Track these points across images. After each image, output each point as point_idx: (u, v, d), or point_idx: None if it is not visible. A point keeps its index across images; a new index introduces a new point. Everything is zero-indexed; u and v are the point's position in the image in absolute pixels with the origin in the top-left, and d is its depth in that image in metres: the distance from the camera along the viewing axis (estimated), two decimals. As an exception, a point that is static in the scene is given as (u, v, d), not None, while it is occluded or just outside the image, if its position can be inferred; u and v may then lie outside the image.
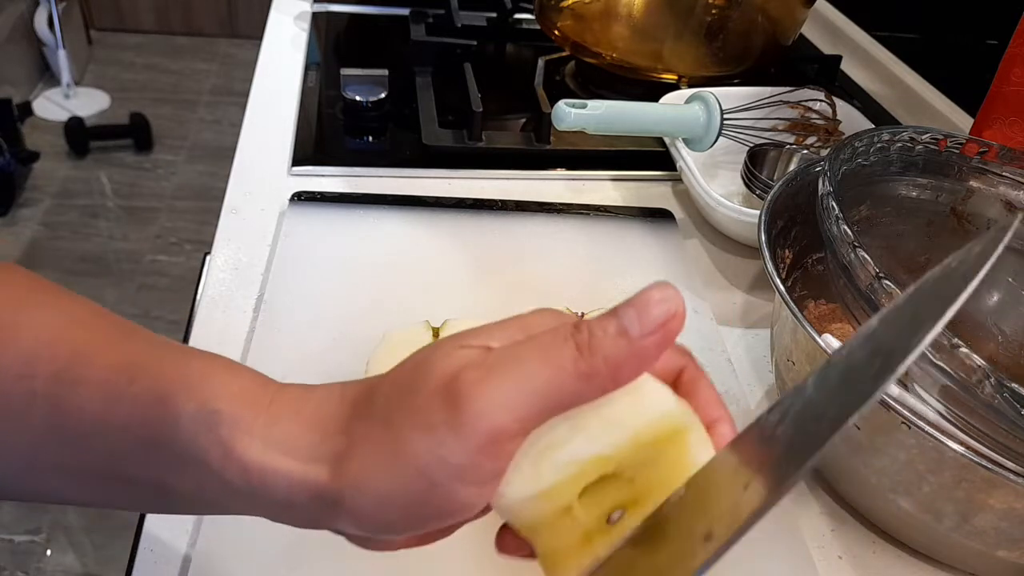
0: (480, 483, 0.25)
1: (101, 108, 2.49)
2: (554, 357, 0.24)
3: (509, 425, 0.24)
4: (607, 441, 0.26)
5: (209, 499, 0.27)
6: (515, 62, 0.95)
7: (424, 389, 0.25)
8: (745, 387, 0.55)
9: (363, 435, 0.25)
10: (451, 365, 0.25)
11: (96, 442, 0.27)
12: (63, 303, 0.30)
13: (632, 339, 0.24)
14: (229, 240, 0.62)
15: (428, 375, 0.25)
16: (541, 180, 0.74)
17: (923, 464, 0.40)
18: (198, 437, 0.26)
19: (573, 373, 0.24)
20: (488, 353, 0.25)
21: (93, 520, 1.41)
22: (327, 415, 0.26)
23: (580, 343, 0.24)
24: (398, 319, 0.52)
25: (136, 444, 0.27)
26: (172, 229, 2.08)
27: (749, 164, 0.68)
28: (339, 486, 0.25)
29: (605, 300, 0.58)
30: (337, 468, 0.25)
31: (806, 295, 0.57)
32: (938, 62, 0.95)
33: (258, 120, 0.76)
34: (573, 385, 0.24)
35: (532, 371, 0.24)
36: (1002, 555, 0.42)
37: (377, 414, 0.25)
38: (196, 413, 0.26)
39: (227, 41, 2.93)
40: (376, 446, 0.25)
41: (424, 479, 0.24)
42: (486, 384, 0.24)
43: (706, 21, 0.82)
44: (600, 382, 0.25)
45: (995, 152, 0.56)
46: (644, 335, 0.24)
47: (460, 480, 0.24)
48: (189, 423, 0.26)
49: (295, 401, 0.27)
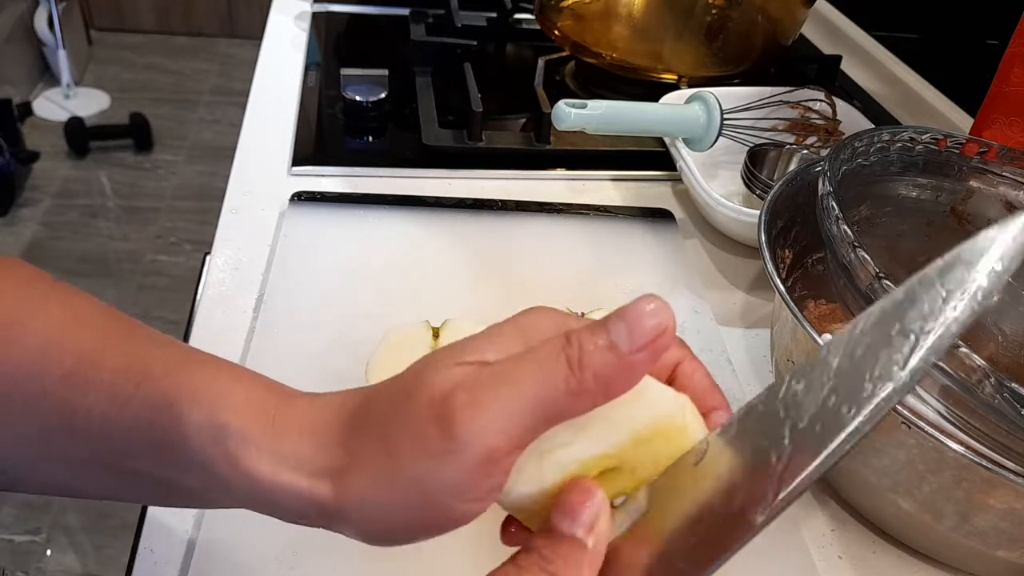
0: (478, 499, 0.25)
1: (101, 108, 2.49)
2: (546, 375, 0.24)
3: (502, 445, 0.24)
4: (609, 441, 0.26)
5: (214, 497, 0.28)
6: (515, 62, 0.95)
7: (418, 410, 0.25)
8: (745, 387, 0.55)
9: (361, 451, 0.26)
10: (444, 384, 0.25)
11: (105, 440, 0.28)
12: (67, 299, 0.30)
13: (621, 354, 0.24)
14: (229, 240, 0.62)
15: (421, 393, 0.25)
16: (541, 180, 0.74)
17: (923, 464, 0.40)
18: (206, 448, 0.26)
19: (564, 391, 0.24)
20: (482, 370, 0.25)
21: (93, 520, 1.41)
22: (327, 427, 0.27)
23: (571, 359, 0.25)
24: (398, 319, 0.52)
25: (144, 445, 0.27)
26: (172, 229, 2.08)
27: (749, 164, 0.68)
28: (341, 502, 0.25)
29: (605, 300, 0.58)
30: (339, 483, 0.25)
31: (806, 295, 0.57)
32: (938, 62, 0.95)
33: (258, 120, 0.76)
34: (565, 401, 0.25)
35: (524, 390, 0.24)
36: (1002, 555, 0.42)
37: (373, 430, 0.26)
38: (203, 424, 0.26)
39: (227, 41, 2.93)
40: (375, 464, 0.25)
41: (423, 498, 0.25)
42: (478, 407, 0.24)
43: (706, 21, 0.82)
44: (591, 397, 0.25)
45: (995, 152, 0.56)
46: (633, 351, 0.24)
47: (458, 498, 0.25)
48: (196, 433, 0.26)
49: (299, 415, 0.27)
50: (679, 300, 0.60)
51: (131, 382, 0.28)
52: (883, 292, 0.40)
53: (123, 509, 1.41)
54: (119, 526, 1.40)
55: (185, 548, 0.42)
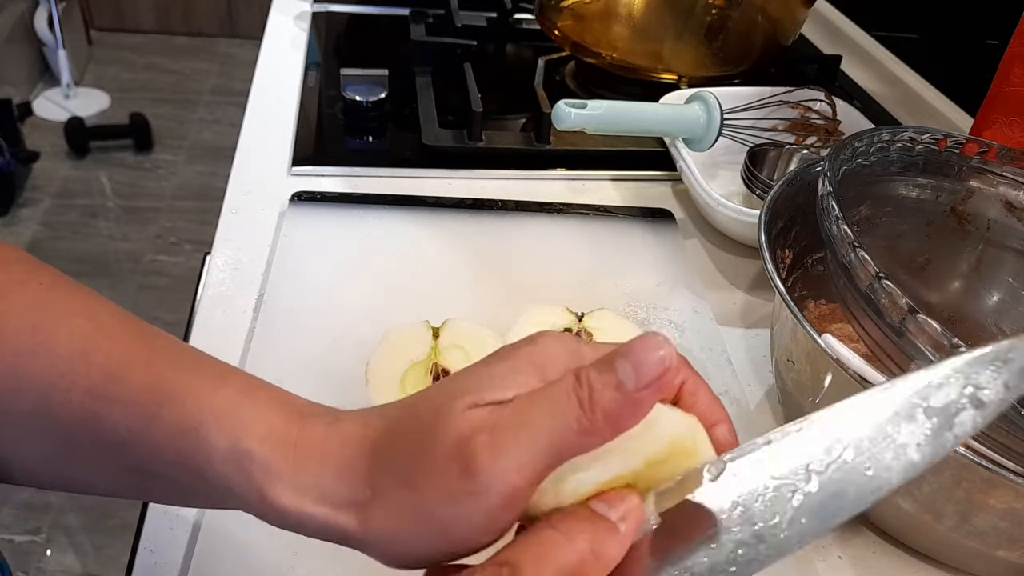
0: (498, 532, 0.27)
1: (101, 108, 2.49)
2: (560, 416, 0.26)
3: (521, 485, 0.26)
4: (624, 467, 0.27)
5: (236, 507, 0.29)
6: (515, 62, 0.95)
7: (439, 452, 0.26)
8: (745, 387, 0.55)
9: (384, 489, 0.27)
10: (464, 428, 0.26)
11: (131, 450, 0.29)
12: (88, 307, 0.31)
13: (628, 392, 0.26)
14: (229, 240, 0.62)
15: (443, 436, 0.26)
16: (541, 180, 0.74)
17: (923, 464, 0.40)
18: (231, 475, 0.28)
19: (577, 430, 0.26)
20: (502, 411, 0.27)
21: (93, 520, 1.41)
22: (350, 461, 0.28)
23: (582, 400, 0.26)
24: (398, 319, 0.52)
25: (170, 460, 0.29)
26: (172, 229, 2.08)
27: (749, 164, 0.68)
28: (365, 535, 0.27)
29: (605, 300, 0.58)
30: (363, 517, 0.27)
31: (806, 295, 0.57)
32: (938, 62, 0.95)
33: (258, 120, 0.76)
34: (578, 440, 0.26)
35: (540, 432, 0.26)
36: (1002, 555, 0.42)
37: (396, 468, 0.27)
38: (228, 452, 0.28)
39: (227, 41, 2.93)
40: (398, 501, 0.26)
41: (445, 534, 0.26)
42: (497, 449, 0.26)
43: (706, 21, 0.82)
44: (601, 435, 0.26)
45: (995, 152, 0.56)
46: (639, 388, 0.26)
47: (479, 533, 0.26)
48: (221, 462, 0.28)
49: (320, 441, 0.28)
50: (679, 300, 0.60)
51: (155, 401, 0.29)
52: (883, 292, 0.40)
53: (123, 509, 1.41)
54: (119, 526, 1.40)
55: (185, 548, 0.42)
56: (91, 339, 0.30)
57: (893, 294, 0.40)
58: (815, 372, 0.45)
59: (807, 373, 0.46)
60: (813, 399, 0.46)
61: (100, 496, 0.32)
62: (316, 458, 0.28)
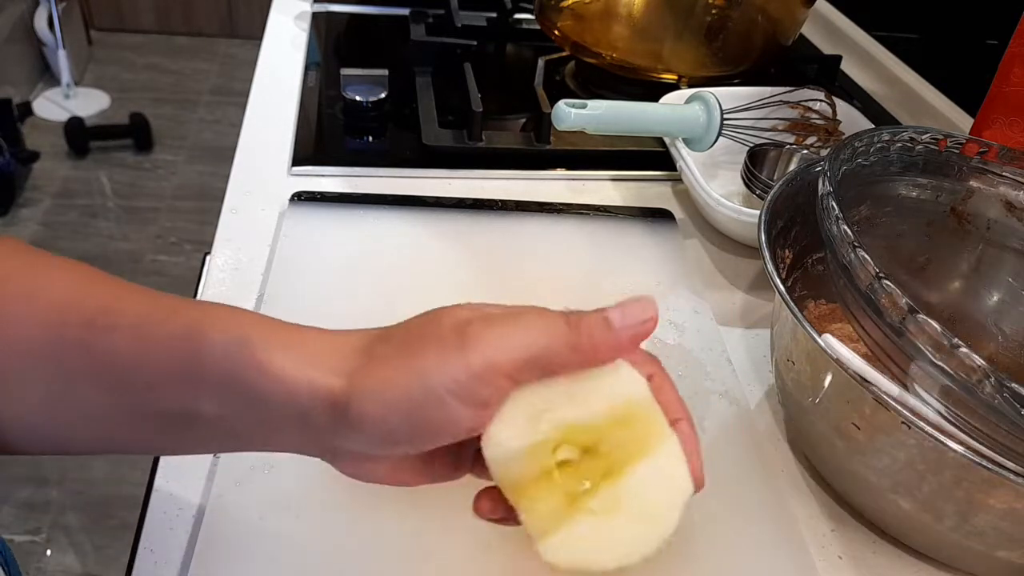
0: (473, 405, 0.29)
1: (101, 108, 2.49)
2: (548, 324, 0.30)
3: (504, 363, 0.29)
4: (591, 408, 0.31)
5: (229, 427, 0.31)
6: (515, 62, 0.95)
7: (439, 328, 0.30)
8: (745, 387, 0.55)
9: (380, 355, 0.30)
10: (461, 317, 0.30)
11: (126, 380, 0.30)
12: (80, 265, 0.33)
13: (613, 328, 0.30)
14: (229, 240, 0.62)
15: (443, 321, 0.30)
16: (541, 180, 0.74)
17: (923, 464, 0.40)
18: (232, 357, 0.29)
19: (563, 341, 0.29)
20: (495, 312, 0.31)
21: (93, 520, 1.41)
22: (349, 341, 0.31)
23: (570, 321, 0.30)
24: (398, 319, 0.52)
25: (168, 376, 0.30)
26: (172, 229, 2.08)
27: (749, 164, 0.68)
28: (350, 393, 0.29)
29: (605, 300, 0.57)
30: (351, 379, 0.29)
31: (806, 295, 0.57)
32: (938, 62, 0.95)
33: (258, 120, 0.76)
34: (561, 350, 0.30)
35: (529, 330, 0.30)
36: (1002, 555, 0.42)
37: (395, 341, 0.30)
38: (229, 340, 0.30)
39: (227, 41, 2.93)
40: (389, 362, 0.29)
41: (426, 388, 0.28)
42: (490, 331, 0.29)
43: (706, 21, 0.82)
44: (582, 354, 0.30)
45: (995, 152, 0.56)
46: (622, 328, 0.30)
47: (457, 396, 0.29)
48: (222, 349, 0.29)
49: (318, 332, 0.31)
50: (679, 300, 0.60)
51: (155, 320, 0.30)
52: (883, 292, 0.40)
53: (123, 509, 1.41)
54: (119, 526, 1.40)
55: (185, 548, 0.42)
56: (85, 285, 0.32)
57: (893, 294, 0.40)
58: (815, 372, 0.45)
59: (807, 373, 0.46)
60: (813, 399, 0.46)
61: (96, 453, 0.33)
62: (315, 337, 0.31)
